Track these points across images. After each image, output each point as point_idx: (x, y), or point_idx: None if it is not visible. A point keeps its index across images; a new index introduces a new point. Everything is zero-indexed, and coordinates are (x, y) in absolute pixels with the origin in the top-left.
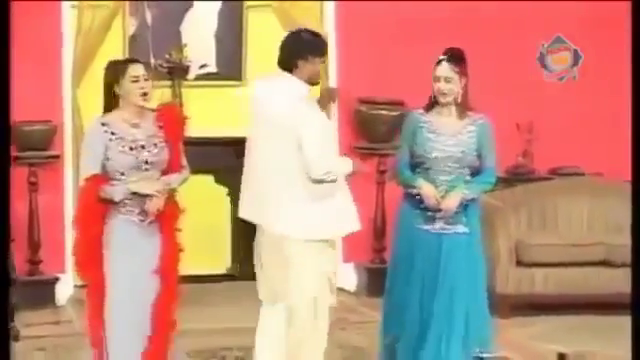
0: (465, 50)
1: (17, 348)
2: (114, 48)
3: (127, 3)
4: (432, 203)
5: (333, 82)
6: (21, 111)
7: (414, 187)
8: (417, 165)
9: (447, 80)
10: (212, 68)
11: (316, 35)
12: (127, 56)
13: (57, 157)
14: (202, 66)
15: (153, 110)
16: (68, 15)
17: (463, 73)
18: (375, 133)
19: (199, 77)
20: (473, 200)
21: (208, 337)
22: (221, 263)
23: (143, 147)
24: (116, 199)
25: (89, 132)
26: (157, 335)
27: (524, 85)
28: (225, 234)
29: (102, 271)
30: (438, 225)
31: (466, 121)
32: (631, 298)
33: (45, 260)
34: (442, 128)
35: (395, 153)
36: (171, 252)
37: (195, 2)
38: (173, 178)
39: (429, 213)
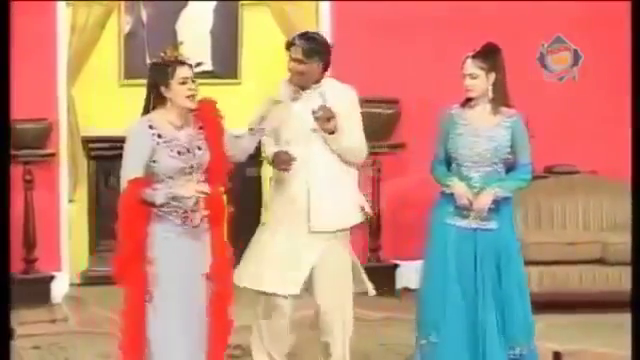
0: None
1: (12, 346)
2: (109, 46)
3: (122, 1)
4: (464, 202)
5: None
6: (16, 109)
7: (447, 185)
8: (452, 161)
9: (472, 77)
10: (207, 66)
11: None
12: (123, 55)
13: (52, 155)
14: (197, 64)
15: (192, 110)
16: (63, 13)
17: (492, 69)
18: (370, 131)
19: (195, 75)
20: (507, 198)
21: None
22: None
23: (188, 151)
24: (157, 202)
25: (136, 133)
26: (217, 337)
27: (521, 84)
28: None
29: (143, 275)
30: (472, 222)
31: (499, 117)
32: (631, 297)
33: (40, 258)
34: (475, 124)
35: (391, 152)
36: (221, 253)
37: (190, 0)
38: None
39: (463, 210)
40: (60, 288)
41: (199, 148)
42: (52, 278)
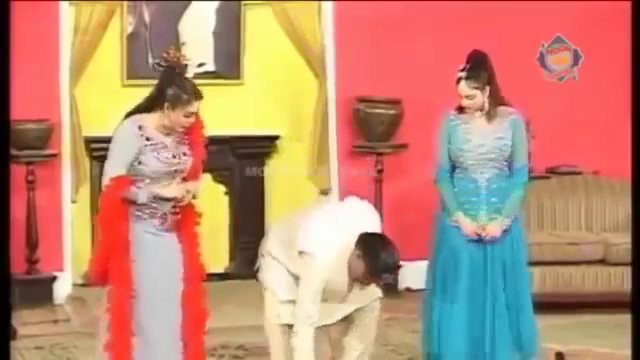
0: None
1: (15, 346)
2: (112, 47)
3: (125, 2)
4: (472, 236)
5: (331, 81)
6: (19, 110)
7: (453, 220)
8: (457, 164)
9: (469, 98)
10: (210, 67)
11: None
12: (125, 55)
13: (55, 156)
14: (200, 65)
15: None
16: (66, 13)
17: (486, 83)
18: (373, 132)
19: (197, 76)
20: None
21: (206, 335)
22: (219, 262)
23: (174, 156)
24: (139, 201)
25: (123, 132)
26: (194, 329)
27: (524, 85)
28: (223, 233)
29: (128, 272)
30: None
31: (498, 119)
32: (631, 297)
33: (43, 258)
34: (476, 128)
35: (393, 152)
36: (194, 255)
37: (193, 1)
38: (193, 186)
39: (469, 210)
40: (62, 288)
41: (184, 154)
42: (54, 278)
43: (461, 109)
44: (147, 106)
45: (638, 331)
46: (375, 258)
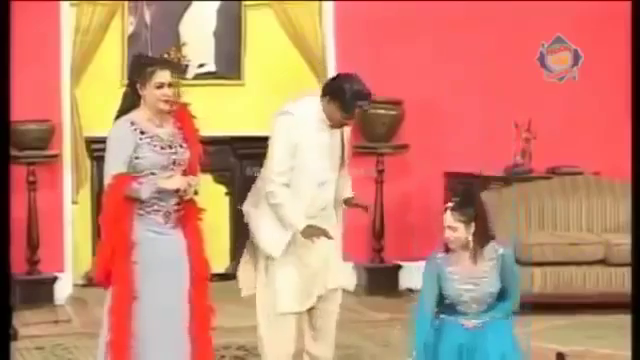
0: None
1: (15, 347)
2: (113, 47)
3: (126, 2)
4: None
5: None
6: (20, 110)
7: None
8: (447, 304)
9: (452, 229)
10: (211, 67)
11: (359, 91)
12: (126, 56)
13: (56, 156)
14: (201, 65)
15: (169, 111)
16: (67, 14)
17: (473, 218)
18: (374, 132)
19: (198, 76)
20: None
21: None
22: (220, 262)
23: (170, 147)
24: (143, 197)
25: (118, 131)
26: (202, 332)
27: (524, 85)
28: (224, 233)
29: (130, 272)
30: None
31: (486, 259)
32: (631, 298)
33: (44, 259)
34: (464, 272)
35: (393, 152)
36: (199, 249)
37: (194, 1)
38: (194, 180)
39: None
40: (63, 289)
41: (181, 146)
42: (55, 279)
43: (447, 249)
44: (128, 103)
45: (639, 332)
46: (342, 91)
